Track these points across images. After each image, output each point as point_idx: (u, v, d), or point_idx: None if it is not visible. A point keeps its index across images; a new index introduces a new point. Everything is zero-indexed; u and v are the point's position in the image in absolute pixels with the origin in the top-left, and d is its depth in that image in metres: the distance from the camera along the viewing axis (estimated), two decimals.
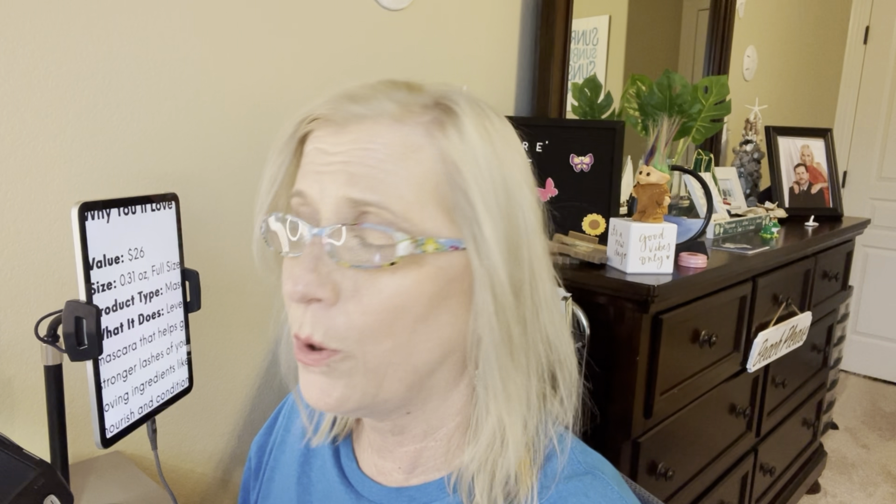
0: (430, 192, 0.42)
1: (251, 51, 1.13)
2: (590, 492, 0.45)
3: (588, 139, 1.54)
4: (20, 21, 0.88)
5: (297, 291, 0.42)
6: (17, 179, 0.90)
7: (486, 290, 0.43)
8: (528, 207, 0.44)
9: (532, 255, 0.44)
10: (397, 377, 0.44)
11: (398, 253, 0.41)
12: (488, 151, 0.43)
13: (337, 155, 0.42)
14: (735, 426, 1.65)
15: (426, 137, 0.42)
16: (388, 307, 0.42)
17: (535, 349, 0.45)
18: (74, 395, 0.98)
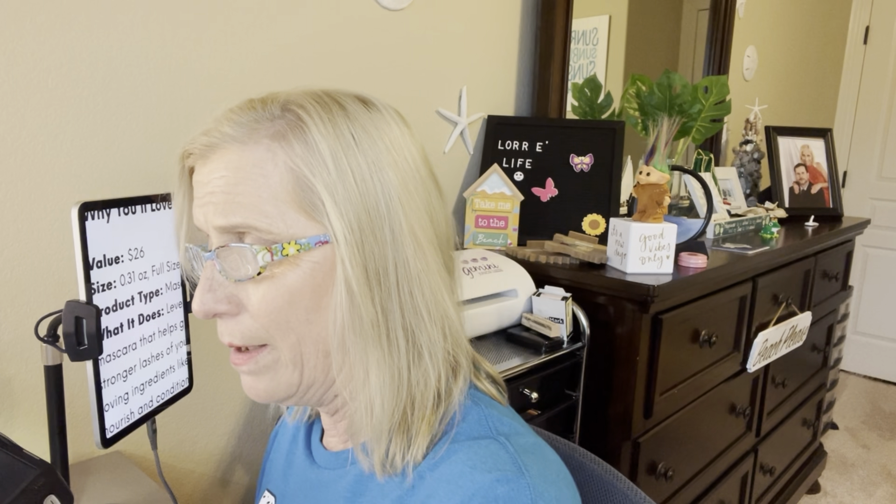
0: (286, 199, 0.46)
1: (251, 50, 1.13)
2: (479, 451, 0.47)
3: (588, 139, 1.54)
4: (20, 21, 0.88)
5: (199, 310, 0.48)
6: (17, 179, 0.90)
7: (340, 280, 0.46)
8: (390, 187, 0.47)
9: (397, 233, 0.47)
10: (312, 364, 0.50)
11: (259, 263, 0.46)
12: (335, 146, 0.46)
13: (207, 185, 0.47)
14: (735, 426, 1.65)
15: (268, 152, 0.46)
16: (276, 307, 0.47)
17: (404, 328, 0.48)
18: (74, 395, 0.98)
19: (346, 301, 0.46)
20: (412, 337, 0.48)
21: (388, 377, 0.48)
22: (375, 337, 0.47)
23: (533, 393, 1.10)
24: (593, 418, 1.27)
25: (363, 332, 0.47)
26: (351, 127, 0.47)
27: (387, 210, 0.47)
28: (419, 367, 0.49)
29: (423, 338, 0.48)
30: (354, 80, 1.29)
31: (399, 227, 0.47)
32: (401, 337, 0.48)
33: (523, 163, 1.55)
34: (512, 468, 0.45)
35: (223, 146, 0.47)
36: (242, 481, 1.25)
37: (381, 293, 0.47)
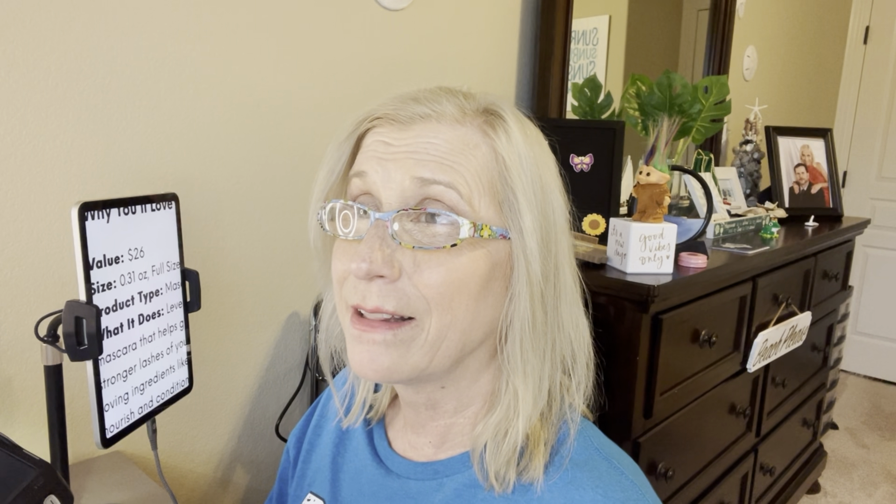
0: (486, 185, 0.48)
1: (251, 51, 1.13)
2: (604, 478, 0.48)
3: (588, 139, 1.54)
4: (20, 21, 0.88)
5: (362, 268, 0.46)
6: (17, 179, 0.90)
7: (524, 277, 0.48)
8: (557, 207, 0.50)
9: (559, 249, 0.50)
10: (448, 353, 0.49)
11: (461, 235, 0.46)
12: (529, 153, 0.49)
13: (401, 147, 0.47)
14: (735, 426, 1.65)
15: (482, 136, 0.48)
16: (449, 281, 0.47)
17: (552, 336, 0.50)
18: (74, 395, 0.98)
19: (527, 297, 0.48)
20: (556, 351, 0.50)
21: (536, 382, 0.49)
22: (541, 342, 0.49)
23: None
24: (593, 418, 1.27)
25: (536, 335, 0.49)
26: (532, 136, 0.51)
27: (555, 221, 0.50)
28: (551, 378, 0.51)
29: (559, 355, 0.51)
30: (354, 80, 1.29)
31: (561, 244, 0.50)
32: (549, 348, 0.50)
33: None
34: (636, 496, 0.48)
35: (437, 120, 0.48)
36: (242, 481, 1.25)
37: (551, 297, 0.50)
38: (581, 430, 0.53)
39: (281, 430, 1.29)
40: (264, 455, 1.28)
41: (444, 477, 0.53)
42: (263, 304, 1.22)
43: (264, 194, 1.19)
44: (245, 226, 1.17)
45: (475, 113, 0.49)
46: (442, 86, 0.51)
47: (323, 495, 0.62)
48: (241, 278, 1.18)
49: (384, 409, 0.63)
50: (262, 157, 1.17)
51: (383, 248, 0.46)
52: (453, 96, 0.50)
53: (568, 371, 0.52)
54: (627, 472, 0.50)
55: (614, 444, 0.54)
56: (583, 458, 0.50)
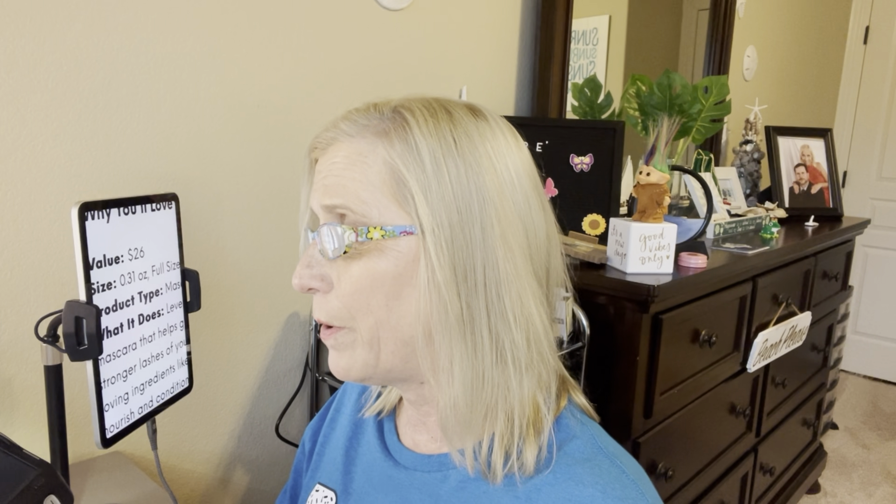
0: (382, 189, 0.50)
1: (251, 51, 1.13)
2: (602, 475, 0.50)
3: (588, 139, 1.54)
4: (20, 21, 0.88)
5: (294, 283, 0.54)
6: (17, 179, 0.90)
7: (424, 272, 0.49)
8: (485, 191, 0.50)
9: (487, 236, 0.49)
10: (389, 350, 0.52)
11: (345, 242, 0.50)
12: (434, 147, 0.49)
13: (322, 173, 0.53)
14: (735, 426, 1.65)
15: (369, 146, 0.51)
16: (358, 287, 0.51)
17: (489, 328, 0.50)
18: (74, 395, 0.98)
19: (431, 291, 0.49)
20: (496, 338, 0.50)
21: (471, 373, 0.50)
22: (459, 331, 0.49)
23: None
24: None
25: (448, 324, 0.49)
26: (454, 131, 0.51)
27: (479, 212, 0.49)
28: (502, 369, 0.50)
29: (507, 341, 0.50)
30: (354, 80, 1.29)
31: (491, 229, 0.49)
32: (485, 336, 0.50)
33: None
34: (637, 496, 0.49)
35: (340, 140, 0.53)
36: (242, 481, 1.25)
37: (466, 290, 0.49)
38: (584, 429, 0.54)
39: (281, 430, 1.29)
40: (264, 455, 1.28)
41: (450, 469, 0.55)
42: (263, 304, 1.22)
43: (264, 194, 1.19)
44: (245, 226, 1.17)
45: (378, 121, 0.52)
46: (367, 102, 0.55)
47: (334, 486, 0.64)
48: (241, 278, 1.18)
49: (392, 403, 0.65)
50: (262, 157, 1.17)
51: (311, 264, 0.53)
52: (363, 113, 0.53)
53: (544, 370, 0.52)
54: (629, 472, 0.51)
55: (619, 445, 0.55)
56: (585, 456, 0.51)
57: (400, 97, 0.54)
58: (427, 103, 0.53)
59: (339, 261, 0.52)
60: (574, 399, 0.56)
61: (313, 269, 0.53)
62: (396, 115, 0.52)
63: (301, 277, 0.53)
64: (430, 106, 0.52)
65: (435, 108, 0.52)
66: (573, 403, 0.56)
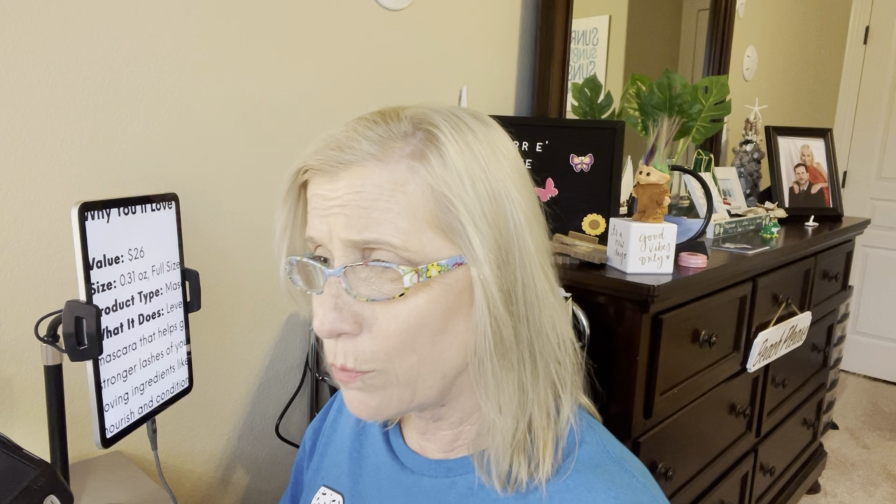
0: (425, 219, 0.45)
1: (251, 51, 1.13)
2: (615, 481, 0.49)
3: (588, 139, 1.54)
4: (21, 21, 0.88)
5: (325, 329, 0.47)
6: (17, 179, 0.90)
7: (482, 301, 0.46)
8: (517, 208, 0.47)
9: (524, 253, 0.48)
10: (427, 385, 0.49)
11: (405, 284, 0.45)
12: (471, 166, 0.46)
13: (335, 200, 0.46)
14: (735, 426, 1.65)
15: (409, 172, 0.45)
16: (405, 328, 0.47)
17: (530, 347, 0.49)
18: (74, 395, 0.98)
19: (484, 322, 0.46)
20: (536, 357, 0.49)
21: (518, 397, 0.49)
22: (511, 359, 0.48)
23: None
24: None
25: (503, 354, 0.47)
26: (479, 145, 0.47)
27: (515, 231, 0.47)
28: (539, 386, 0.50)
29: (550, 359, 0.50)
30: (354, 80, 1.29)
31: (526, 248, 0.47)
32: (527, 357, 0.49)
33: None
34: (647, 500, 0.49)
35: (359, 163, 0.46)
36: (242, 481, 1.25)
37: (513, 314, 0.47)
38: (592, 433, 0.53)
39: (281, 430, 1.29)
40: (264, 455, 1.28)
41: (457, 475, 0.54)
42: (263, 304, 1.22)
43: (264, 194, 1.19)
44: (245, 226, 1.17)
45: (403, 140, 0.46)
46: (365, 115, 0.49)
47: (341, 490, 0.63)
48: (241, 278, 1.18)
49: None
50: (262, 157, 1.17)
51: (339, 305, 0.47)
52: (374, 127, 0.47)
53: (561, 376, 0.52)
54: (639, 476, 0.51)
55: (624, 447, 0.54)
56: (594, 462, 0.50)
57: (409, 107, 0.49)
58: (443, 114, 0.48)
59: (383, 301, 0.46)
60: (581, 400, 0.55)
61: (343, 310, 0.47)
62: (421, 131, 0.47)
63: (332, 322, 0.46)
64: (449, 118, 0.48)
65: (455, 120, 0.48)
66: (579, 406, 0.55)
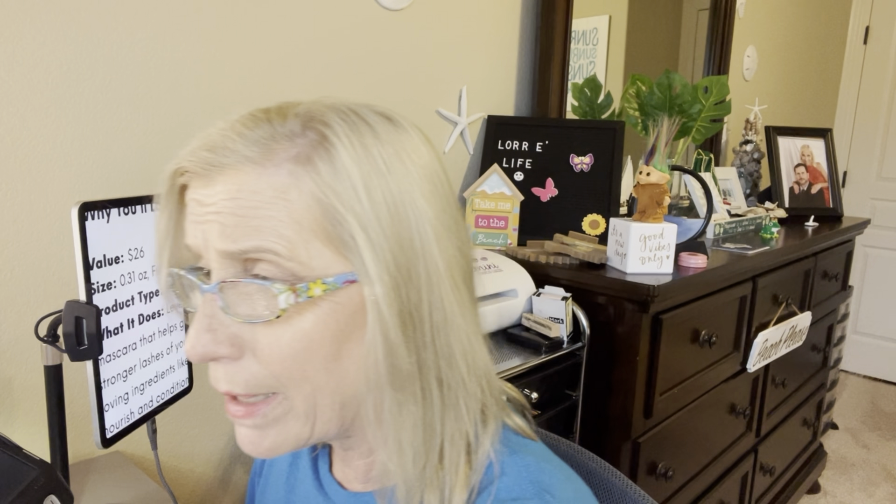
0: (312, 230, 0.40)
1: (251, 51, 1.13)
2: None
3: (588, 139, 1.54)
4: (21, 21, 0.88)
5: (195, 353, 0.41)
6: (17, 179, 0.90)
7: (374, 325, 0.41)
8: (424, 220, 0.42)
9: (430, 271, 0.42)
10: (326, 417, 0.44)
11: (280, 305, 0.39)
12: (368, 173, 0.40)
13: (210, 206, 0.41)
14: (735, 426, 1.65)
15: (291, 178, 0.40)
16: (290, 354, 0.41)
17: (437, 376, 0.43)
18: (74, 395, 0.98)
19: (382, 350, 0.41)
20: (447, 388, 0.44)
21: (422, 431, 0.43)
22: (412, 389, 0.42)
23: (533, 393, 1.10)
24: (593, 418, 1.27)
25: (401, 386, 0.42)
26: (381, 148, 0.42)
27: (421, 246, 0.41)
28: (452, 418, 0.44)
29: (459, 389, 0.44)
30: (354, 80, 1.29)
31: (434, 264, 0.42)
32: (435, 388, 0.43)
33: (523, 163, 1.55)
34: None
35: (235, 167, 0.40)
36: (242, 481, 1.25)
37: (416, 340, 0.42)
38: (515, 460, 0.46)
39: None
40: None
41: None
42: None
43: None
44: None
45: (289, 141, 0.40)
46: (252, 112, 0.43)
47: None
48: None
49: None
50: None
51: (213, 326, 0.41)
52: (256, 127, 0.41)
53: (472, 407, 0.45)
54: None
55: (561, 471, 0.47)
56: (513, 495, 0.44)
57: (299, 103, 0.44)
58: (341, 113, 0.42)
59: (263, 322, 0.41)
60: (508, 423, 0.49)
61: (217, 332, 0.41)
62: (309, 132, 0.41)
63: (204, 345, 0.41)
64: (346, 117, 0.42)
65: (353, 119, 0.42)
66: (507, 428, 0.48)
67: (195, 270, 0.44)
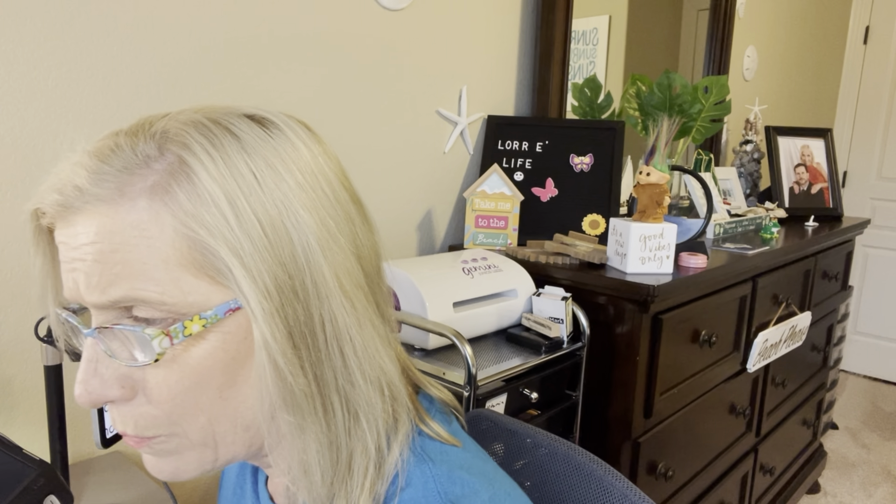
0: (180, 265, 0.38)
1: (251, 51, 1.13)
2: None
3: (588, 139, 1.54)
4: (21, 21, 0.88)
5: (85, 400, 0.40)
6: (18, 179, 0.90)
7: (260, 350, 0.39)
8: (306, 232, 0.40)
9: (319, 285, 0.40)
10: (229, 441, 0.43)
11: (156, 350, 0.38)
12: (233, 192, 0.38)
13: (74, 251, 0.39)
14: (735, 426, 1.65)
15: (149, 213, 0.37)
16: (181, 391, 0.40)
17: (338, 390, 0.42)
18: None
19: (272, 376, 0.39)
20: (346, 402, 0.42)
21: (327, 449, 0.42)
22: (310, 409, 0.41)
23: (533, 393, 1.10)
24: (593, 418, 1.27)
25: (296, 407, 0.40)
26: (249, 161, 0.39)
27: (305, 260, 0.39)
28: (356, 432, 0.43)
29: (361, 401, 0.42)
30: (354, 80, 1.29)
31: (321, 277, 0.40)
32: (336, 403, 0.42)
33: (523, 163, 1.55)
34: None
35: (87, 209, 0.38)
36: None
37: (310, 359, 0.40)
38: (424, 469, 0.44)
39: None
40: None
41: None
42: None
43: None
44: None
45: (145, 167, 0.38)
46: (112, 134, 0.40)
47: None
48: None
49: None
50: None
51: (99, 370, 0.40)
52: (112, 156, 0.38)
53: (378, 418, 0.44)
54: None
55: (478, 479, 0.45)
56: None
57: (157, 120, 0.41)
58: (200, 126, 0.40)
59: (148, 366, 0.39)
60: (424, 429, 0.47)
61: (105, 375, 0.40)
62: (167, 154, 0.38)
63: (91, 392, 0.39)
64: (206, 130, 0.39)
65: (214, 131, 0.39)
66: (424, 436, 0.47)
67: (81, 310, 0.43)
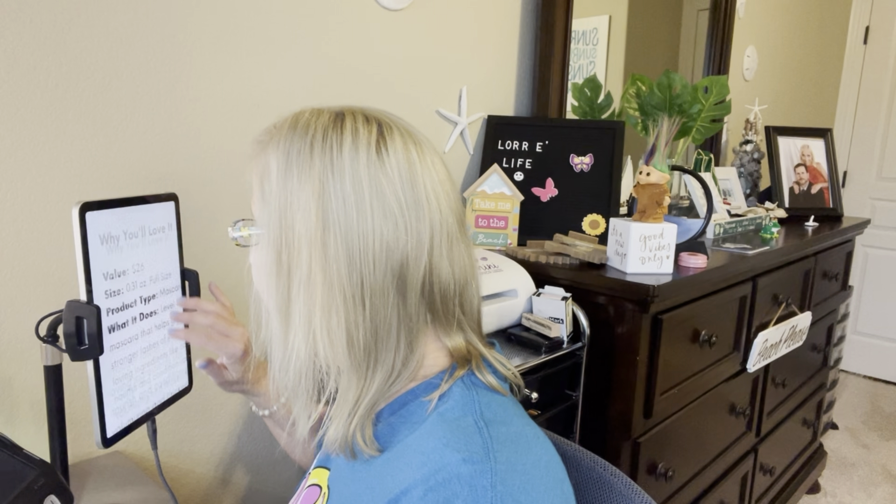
0: (255, 194, 0.59)
1: (251, 51, 1.13)
2: (456, 431, 0.50)
3: (588, 139, 1.54)
4: (21, 21, 0.88)
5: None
6: (17, 179, 0.90)
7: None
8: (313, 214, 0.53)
9: (297, 235, 0.55)
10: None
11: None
12: (281, 162, 0.55)
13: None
14: (735, 426, 1.65)
15: (255, 161, 0.58)
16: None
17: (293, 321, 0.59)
18: (74, 395, 0.98)
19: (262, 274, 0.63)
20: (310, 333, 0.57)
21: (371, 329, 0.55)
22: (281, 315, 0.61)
23: (533, 393, 1.10)
24: (593, 418, 1.27)
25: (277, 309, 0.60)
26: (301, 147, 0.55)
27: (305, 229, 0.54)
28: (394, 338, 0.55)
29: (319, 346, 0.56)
30: (354, 80, 1.29)
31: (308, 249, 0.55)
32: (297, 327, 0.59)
33: (523, 163, 1.55)
34: (481, 451, 0.48)
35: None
36: (242, 481, 1.25)
37: (280, 276, 0.58)
38: (469, 394, 0.54)
39: None
40: (264, 455, 1.28)
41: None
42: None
43: None
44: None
45: (267, 134, 0.58)
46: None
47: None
48: (240, 278, 1.17)
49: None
50: None
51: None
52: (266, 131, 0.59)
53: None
54: (491, 438, 0.50)
55: (509, 413, 0.54)
56: (455, 416, 0.52)
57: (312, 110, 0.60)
58: (296, 119, 0.57)
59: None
60: (479, 376, 0.57)
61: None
62: (270, 130, 0.58)
63: None
64: (295, 122, 0.57)
65: (299, 123, 0.57)
66: (474, 377, 0.57)
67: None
